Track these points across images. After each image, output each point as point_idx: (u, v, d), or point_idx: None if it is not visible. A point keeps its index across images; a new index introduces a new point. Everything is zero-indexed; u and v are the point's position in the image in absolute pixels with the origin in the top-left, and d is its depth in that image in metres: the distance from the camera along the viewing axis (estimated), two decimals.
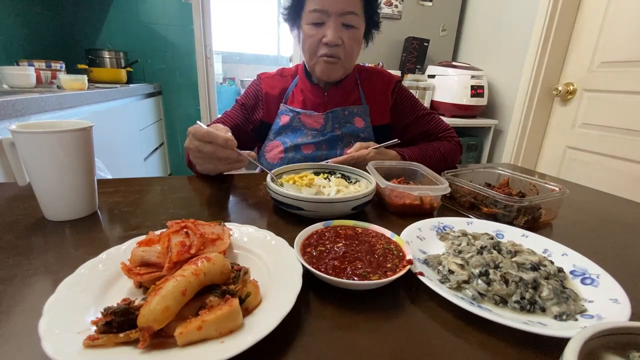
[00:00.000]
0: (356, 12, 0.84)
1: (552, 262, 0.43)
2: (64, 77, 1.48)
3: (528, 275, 0.38)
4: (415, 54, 2.24)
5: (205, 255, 0.33)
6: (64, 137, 0.49)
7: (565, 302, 0.36)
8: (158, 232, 0.41)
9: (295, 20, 0.91)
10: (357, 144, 0.85)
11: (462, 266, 0.41)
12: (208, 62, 2.58)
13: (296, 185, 0.62)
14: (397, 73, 2.22)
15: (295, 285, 0.34)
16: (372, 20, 0.92)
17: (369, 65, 1.07)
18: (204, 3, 2.46)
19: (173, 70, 2.54)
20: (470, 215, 0.62)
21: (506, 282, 0.38)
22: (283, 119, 0.96)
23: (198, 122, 0.61)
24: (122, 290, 0.35)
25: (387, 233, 0.46)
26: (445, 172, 0.69)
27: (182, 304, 0.29)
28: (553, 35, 1.76)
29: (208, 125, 0.95)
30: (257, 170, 1.04)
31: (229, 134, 0.62)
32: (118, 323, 0.28)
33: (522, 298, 0.37)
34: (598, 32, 1.63)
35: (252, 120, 0.98)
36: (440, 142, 0.98)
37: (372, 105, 0.98)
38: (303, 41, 0.90)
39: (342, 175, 0.70)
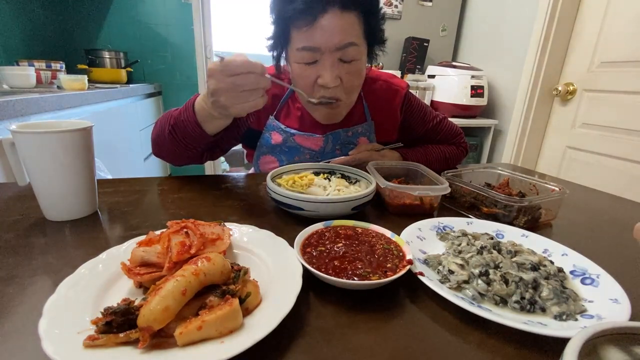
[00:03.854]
0: (355, 42, 0.69)
1: (552, 262, 0.43)
2: (64, 77, 1.49)
3: (528, 275, 0.38)
4: (415, 54, 2.24)
5: (205, 255, 0.33)
6: (64, 137, 0.49)
7: (565, 302, 0.36)
8: (158, 232, 0.41)
9: (280, 55, 0.76)
10: (360, 146, 0.84)
11: (462, 266, 0.41)
12: (208, 62, 2.58)
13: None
14: (397, 73, 2.22)
15: (295, 285, 0.34)
16: (376, 39, 0.76)
17: (372, 67, 0.92)
18: (204, 3, 2.46)
19: (173, 70, 2.54)
20: (470, 215, 0.62)
21: (506, 282, 0.38)
22: (275, 137, 0.84)
23: (216, 54, 0.51)
24: (122, 290, 0.35)
25: (387, 233, 0.46)
26: (445, 172, 0.69)
27: (182, 304, 0.29)
28: (553, 35, 1.76)
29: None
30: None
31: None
32: (118, 323, 0.28)
33: (522, 298, 0.37)
34: (598, 32, 1.63)
35: (238, 124, 0.84)
36: (446, 145, 0.96)
37: (377, 121, 0.88)
38: (293, 78, 0.75)
39: (342, 175, 0.70)
